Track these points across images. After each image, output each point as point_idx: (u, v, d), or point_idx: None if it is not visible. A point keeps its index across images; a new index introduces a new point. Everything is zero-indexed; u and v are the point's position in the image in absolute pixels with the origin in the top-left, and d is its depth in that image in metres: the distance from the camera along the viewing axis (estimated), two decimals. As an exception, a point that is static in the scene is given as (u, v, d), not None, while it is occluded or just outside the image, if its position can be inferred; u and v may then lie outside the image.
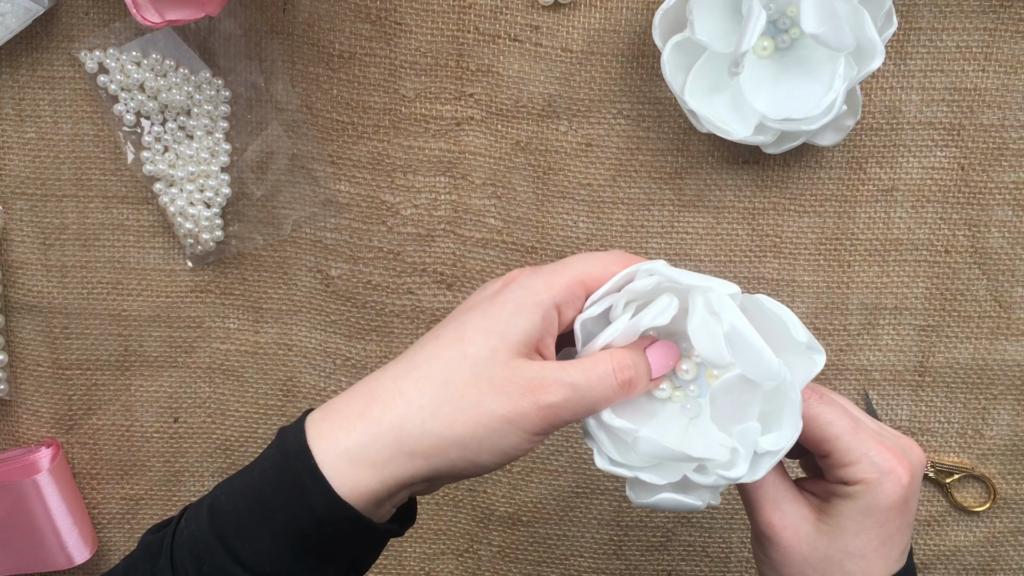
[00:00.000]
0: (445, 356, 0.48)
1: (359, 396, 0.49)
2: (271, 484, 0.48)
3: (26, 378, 0.74)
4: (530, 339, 0.49)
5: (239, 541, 0.48)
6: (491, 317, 0.49)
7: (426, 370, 0.48)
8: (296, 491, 0.47)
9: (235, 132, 0.70)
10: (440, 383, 0.48)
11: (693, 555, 0.75)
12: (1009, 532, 0.73)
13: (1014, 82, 0.66)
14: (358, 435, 0.47)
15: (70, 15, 0.68)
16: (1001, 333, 0.70)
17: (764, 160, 0.69)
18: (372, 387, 0.49)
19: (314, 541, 0.48)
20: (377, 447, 0.47)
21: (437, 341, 0.49)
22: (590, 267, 0.51)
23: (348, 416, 0.48)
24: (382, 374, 0.50)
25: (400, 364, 0.50)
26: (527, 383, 0.47)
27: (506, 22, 0.67)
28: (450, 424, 0.47)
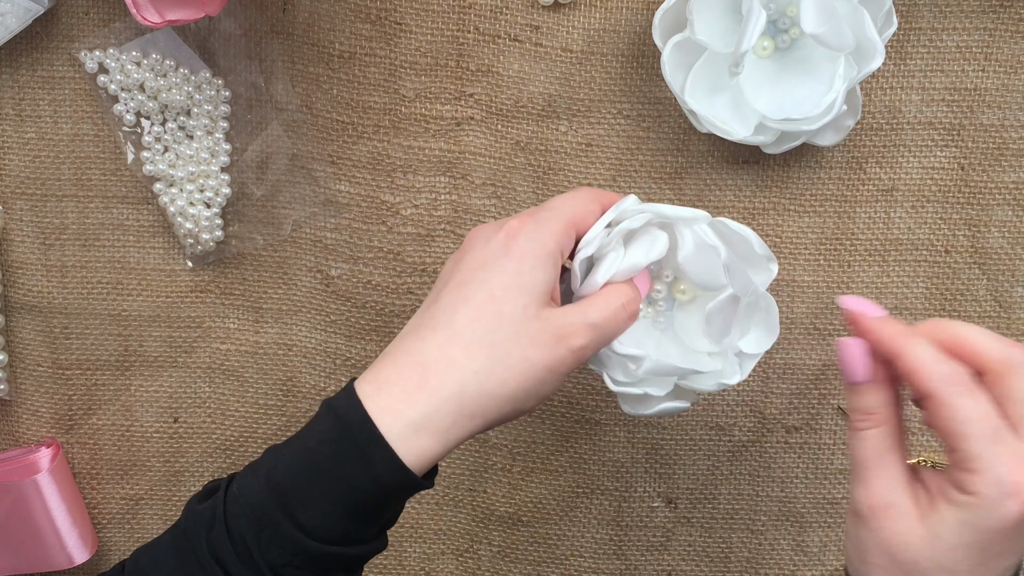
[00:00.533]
0: (485, 318, 0.52)
1: (411, 368, 0.52)
2: (333, 454, 0.51)
3: (26, 378, 0.74)
4: (549, 288, 0.53)
5: (300, 508, 0.50)
6: (513, 273, 0.53)
7: (470, 335, 0.52)
8: (362, 461, 0.50)
9: (235, 132, 0.70)
10: (488, 346, 0.52)
11: (693, 555, 0.75)
12: (1009, 532, 0.73)
13: (1014, 82, 0.66)
14: (422, 407, 0.51)
15: (70, 15, 0.68)
16: (1001, 333, 0.70)
17: (764, 160, 0.69)
18: (421, 359, 0.52)
19: (370, 504, 0.51)
20: (441, 415, 0.51)
21: (469, 304, 0.53)
22: (575, 209, 0.56)
23: (407, 389, 0.51)
24: (424, 343, 0.53)
25: (440, 331, 0.53)
26: (558, 331, 0.52)
27: (506, 22, 0.67)
28: (504, 382, 0.51)
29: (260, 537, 0.51)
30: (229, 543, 0.51)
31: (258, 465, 0.53)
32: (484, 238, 0.55)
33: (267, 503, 0.51)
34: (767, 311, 0.61)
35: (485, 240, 0.55)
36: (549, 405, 0.73)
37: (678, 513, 0.74)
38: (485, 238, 0.55)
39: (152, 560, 0.53)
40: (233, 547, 0.51)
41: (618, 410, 0.73)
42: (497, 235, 0.55)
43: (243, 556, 0.51)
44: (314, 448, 0.52)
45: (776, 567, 0.75)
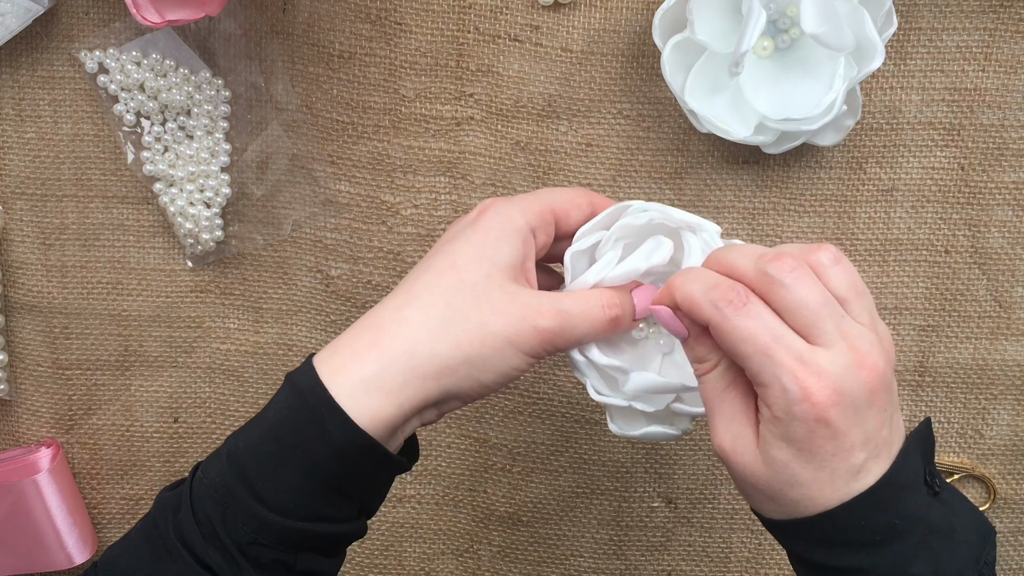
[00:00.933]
0: (443, 283, 0.51)
1: (365, 329, 0.51)
2: (288, 422, 0.50)
3: (26, 378, 0.74)
4: (516, 262, 0.52)
5: (261, 481, 0.49)
6: (477, 244, 0.52)
7: (427, 298, 0.51)
8: (314, 425, 0.49)
9: (235, 132, 0.70)
10: (443, 307, 0.50)
11: (693, 555, 0.75)
12: (1009, 532, 0.73)
13: (1014, 82, 0.66)
14: (371, 364, 0.50)
15: (70, 15, 0.68)
16: (1001, 333, 0.70)
17: (764, 160, 0.69)
18: (376, 320, 0.51)
19: (332, 474, 0.49)
20: (391, 373, 0.49)
21: (430, 271, 0.52)
22: (558, 198, 0.54)
23: (357, 350, 0.50)
24: (382, 307, 0.52)
25: (399, 296, 0.52)
26: (525, 307, 0.50)
27: (506, 22, 0.67)
28: (458, 344, 0.50)
29: (225, 515, 0.49)
30: (194, 524, 0.50)
31: (221, 448, 0.52)
32: (459, 219, 0.55)
33: (229, 479, 0.50)
34: None
35: (459, 220, 0.55)
36: (549, 405, 0.73)
37: (678, 513, 0.74)
38: (460, 219, 0.55)
39: (122, 551, 0.53)
40: (199, 528, 0.50)
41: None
42: (471, 214, 0.54)
43: (209, 536, 0.50)
44: (271, 419, 0.50)
45: (776, 567, 0.75)
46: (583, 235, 0.54)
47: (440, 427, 0.74)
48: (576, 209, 0.55)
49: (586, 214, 0.55)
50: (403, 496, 0.75)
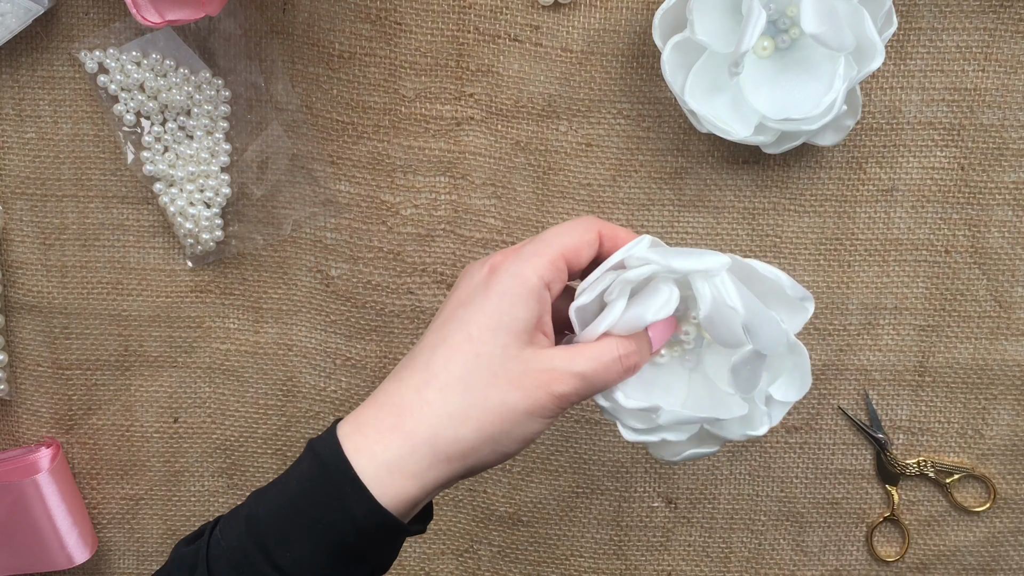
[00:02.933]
0: (460, 360, 0.51)
1: (387, 410, 0.51)
2: (310, 494, 0.50)
3: (26, 378, 0.74)
4: (531, 325, 0.51)
5: (279, 549, 0.50)
6: (491, 313, 0.51)
7: (445, 378, 0.51)
8: (337, 501, 0.49)
9: (235, 132, 0.70)
10: (463, 388, 0.50)
11: (693, 555, 0.75)
12: (1009, 532, 0.73)
13: (1014, 82, 0.66)
14: (395, 449, 0.50)
15: (70, 15, 0.68)
16: (1001, 333, 0.70)
17: (764, 160, 0.69)
18: (397, 400, 0.51)
19: (351, 547, 0.50)
20: (416, 458, 0.50)
21: (446, 344, 0.51)
22: (567, 240, 0.53)
23: (380, 430, 0.50)
24: (402, 385, 0.52)
25: (417, 373, 0.52)
26: (540, 376, 0.51)
27: (506, 22, 0.67)
28: (480, 426, 0.50)
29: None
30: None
31: (241, 508, 0.52)
32: (470, 275, 0.54)
33: (246, 545, 0.50)
34: (798, 360, 0.56)
35: (470, 277, 0.53)
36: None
37: (678, 513, 0.74)
38: (471, 275, 0.54)
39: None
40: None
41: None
42: (481, 270, 0.53)
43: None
44: (293, 488, 0.51)
45: (776, 567, 0.75)
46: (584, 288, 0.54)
47: (440, 427, 0.74)
48: (587, 247, 0.54)
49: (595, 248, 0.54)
50: (403, 496, 0.75)
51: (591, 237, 0.54)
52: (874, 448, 0.73)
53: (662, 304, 0.52)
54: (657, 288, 0.53)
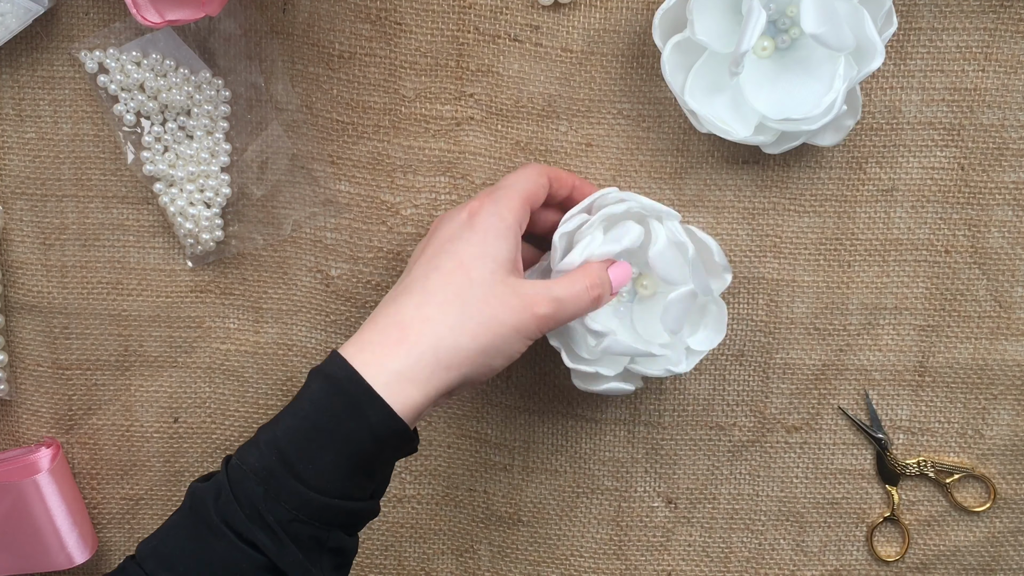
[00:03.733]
0: (455, 282, 0.57)
1: (391, 329, 0.57)
2: (326, 410, 0.55)
3: (26, 378, 0.74)
4: (513, 256, 0.59)
5: (301, 463, 0.54)
6: (478, 244, 0.58)
7: (443, 296, 0.57)
8: (355, 412, 0.55)
9: (235, 132, 0.70)
10: (460, 304, 0.57)
11: (693, 555, 0.75)
12: (1009, 532, 0.73)
13: (1014, 82, 0.66)
14: (403, 358, 0.56)
15: (70, 15, 0.68)
16: (1001, 333, 0.70)
17: (764, 160, 0.69)
18: (398, 319, 0.57)
19: (366, 456, 0.55)
20: (421, 366, 0.56)
21: (440, 271, 0.58)
22: (527, 185, 0.61)
23: (386, 344, 0.56)
24: (400, 306, 0.58)
25: (414, 296, 0.58)
26: (525, 298, 0.58)
27: (506, 22, 0.67)
28: (475, 337, 0.57)
29: (267, 494, 0.54)
30: (237, 505, 0.54)
31: (255, 439, 0.56)
32: (449, 218, 0.61)
33: (271, 464, 0.54)
34: (718, 314, 0.67)
35: (450, 219, 0.60)
36: (549, 405, 0.73)
37: (678, 513, 0.74)
38: (450, 218, 0.60)
39: (162, 539, 0.56)
40: (241, 509, 0.54)
41: (618, 410, 0.73)
42: (460, 214, 0.60)
43: (252, 516, 0.54)
44: (308, 410, 0.55)
45: (776, 567, 0.75)
46: (569, 218, 0.63)
47: (440, 427, 0.74)
48: (541, 190, 0.62)
49: (547, 190, 0.63)
50: (403, 496, 0.75)
51: (544, 181, 0.63)
52: (874, 448, 0.73)
53: (626, 234, 0.62)
54: (627, 225, 0.63)
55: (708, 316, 0.67)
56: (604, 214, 0.63)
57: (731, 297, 0.71)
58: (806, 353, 0.71)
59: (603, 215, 0.63)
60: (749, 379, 0.72)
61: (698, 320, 0.67)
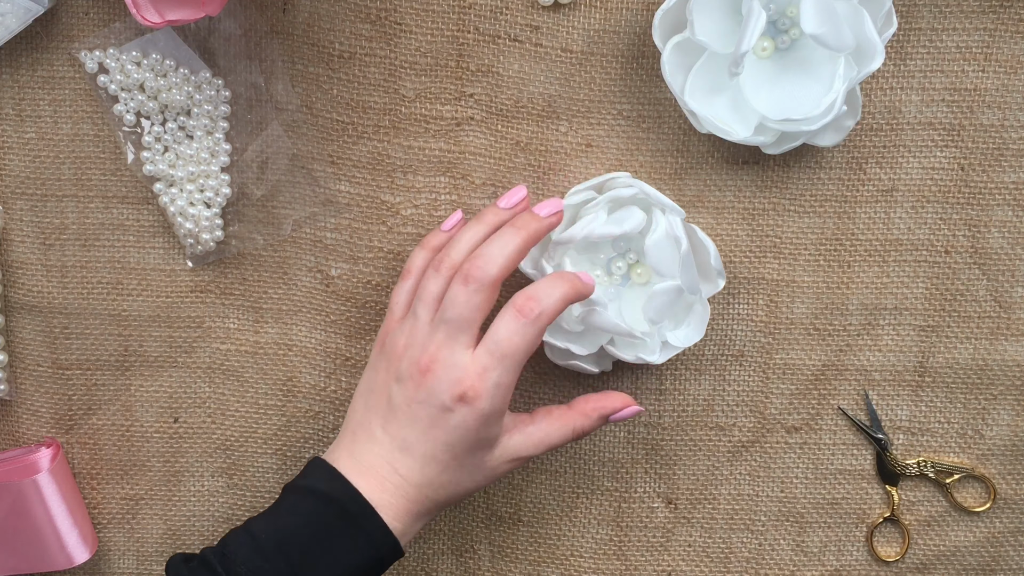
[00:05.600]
0: (434, 446, 0.61)
1: (373, 465, 0.62)
2: (324, 523, 0.60)
3: (26, 378, 0.74)
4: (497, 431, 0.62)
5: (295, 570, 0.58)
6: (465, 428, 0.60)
7: (421, 451, 0.61)
8: (349, 524, 0.60)
9: (235, 132, 0.70)
10: (438, 469, 0.61)
11: (693, 555, 0.75)
12: (1009, 532, 0.73)
13: (1014, 82, 0.66)
14: (400, 503, 0.61)
15: (70, 15, 0.68)
16: (1001, 333, 0.70)
17: (764, 160, 0.69)
18: (376, 460, 0.62)
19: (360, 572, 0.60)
20: (404, 506, 0.61)
21: (419, 426, 0.61)
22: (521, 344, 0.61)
23: (370, 478, 0.61)
24: (373, 447, 0.62)
25: (394, 439, 0.62)
26: (490, 471, 0.62)
27: (506, 22, 0.67)
28: (450, 496, 0.62)
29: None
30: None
31: (252, 536, 0.60)
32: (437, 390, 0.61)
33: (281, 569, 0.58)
34: (701, 315, 0.67)
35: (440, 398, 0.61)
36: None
37: (678, 513, 0.74)
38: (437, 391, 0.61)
39: None
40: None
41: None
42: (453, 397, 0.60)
43: None
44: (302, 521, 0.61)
45: (776, 567, 0.75)
46: (577, 192, 0.65)
47: (440, 427, 0.74)
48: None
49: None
50: (403, 496, 0.75)
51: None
52: (874, 448, 0.73)
53: (628, 219, 0.63)
54: (631, 210, 0.64)
55: (692, 315, 0.68)
56: (611, 196, 0.64)
57: (731, 297, 0.71)
58: (806, 353, 0.71)
59: (609, 197, 0.64)
60: (749, 379, 0.72)
61: (682, 317, 0.68)
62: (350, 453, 0.61)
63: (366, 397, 0.63)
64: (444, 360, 0.59)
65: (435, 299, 0.61)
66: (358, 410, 0.63)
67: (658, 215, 0.64)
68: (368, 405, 0.62)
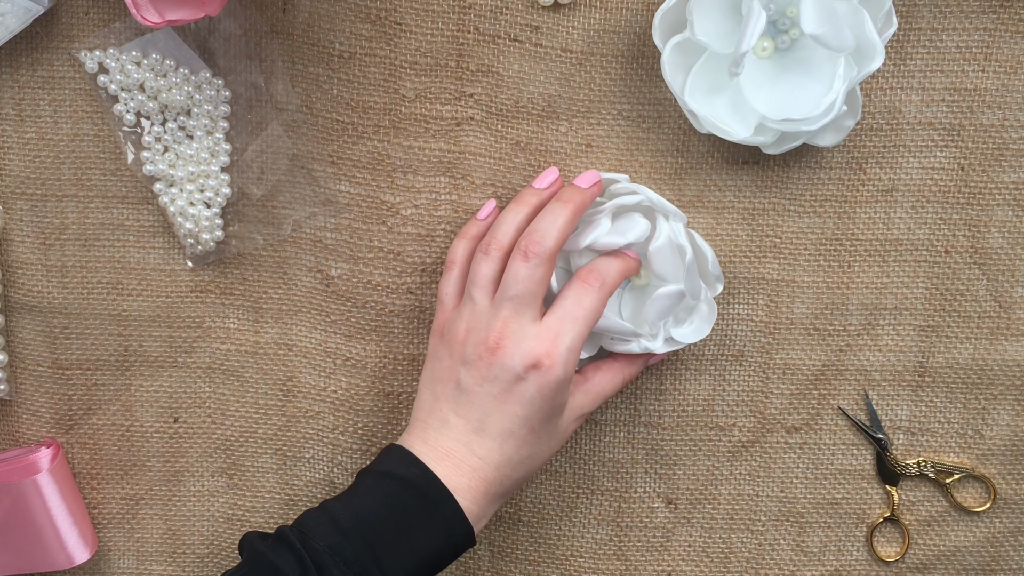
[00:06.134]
0: (512, 421, 0.62)
1: (449, 450, 0.62)
2: (402, 507, 0.60)
3: (26, 378, 0.74)
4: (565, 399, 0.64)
5: (388, 558, 0.58)
6: (538, 400, 0.62)
7: (498, 429, 0.62)
8: (443, 522, 0.61)
9: (235, 132, 0.70)
10: (516, 444, 0.62)
11: (693, 555, 0.75)
12: (1009, 532, 0.73)
13: (1014, 82, 0.66)
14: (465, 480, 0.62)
15: (70, 15, 0.68)
16: (1001, 333, 0.70)
17: (764, 160, 0.69)
18: (454, 444, 0.63)
19: (438, 564, 0.61)
20: (478, 492, 0.62)
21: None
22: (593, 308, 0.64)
23: (447, 463, 0.62)
24: (466, 442, 0.63)
25: (487, 440, 0.62)
26: (563, 433, 0.64)
27: (506, 22, 0.67)
28: (529, 471, 0.64)
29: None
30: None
31: (331, 517, 0.60)
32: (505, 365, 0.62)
33: (361, 554, 0.58)
34: (707, 315, 0.68)
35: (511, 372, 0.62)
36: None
37: (678, 513, 0.74)
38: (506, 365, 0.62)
39: None
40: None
41: (618, 411, 0.73)
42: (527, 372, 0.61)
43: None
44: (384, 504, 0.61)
45: (776, 567, 0.75)
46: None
47: (440, 427, 0.74)
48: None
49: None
50: (403, 496, 0.75)
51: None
52: (874, 448, 0.73)
53: (632, 228, 0.64)
54: (635, 219, 0.64)
55: (696, 314, 0.68)
56: (615, 204, 0.64)
57: (731, 297, 0.71)
58: (806, 353, 0.71)
59: (614, 205, 0.64)
60: (749, 379, 0.72)
61: (684, 317, 0.68)
62: (423, 440, 0.62)
63: (432, 387, 0.63)
64: (513, 334, 0.60)
65: (490, 281, 0.62)
66: (426, 400, 0.63)
67: (661, 221, 0.65)
68: (436, 394, 0.63)
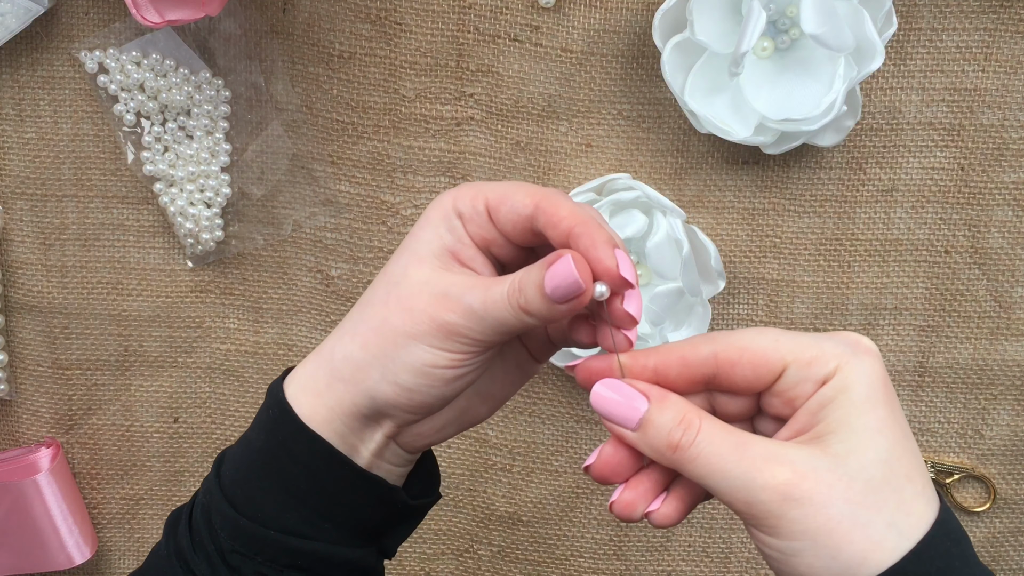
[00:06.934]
0: (373, 284, 0.48)
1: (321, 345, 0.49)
2: (256, 426, 0.49)
3: (26, 378, 0.74)
4: (439, 249, 0.47)
5: (233, 486, 0.47)
6: (407, 237, 0.48)
7: (357, 307, 0.48)
8: (271, 425, 0.47)
9: (235, 132, 0.70)
10: (359, 307, 0.47)
11: (693, 555, 0.75)
12: (1009, 532, 0.73)
13: (1014, 82, 0.66)
14: (309, 367, 0.48)
15: (70, 15, 0.68)
16: (1001, 333, 0.70)
17: (764, 160, 0.69)
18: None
19: (299, 486, 0.47)
20: (318, 376, 0.47)
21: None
22: (496, 187, 0.47)
23: (307, 357, 0.49)
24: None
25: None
26: (430, 299, 0.45)
27: (506, 22, 0.67)
28: (365, 344, 0.46)
29: (211, 520, 0.48)
30: (188, 532, 0.48)
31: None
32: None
33: (212, 485, 0.48)
34: (702, 316, 0.68)
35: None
36: (549, 405, 0.73)
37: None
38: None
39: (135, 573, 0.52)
40: (190, 536, 0.48)
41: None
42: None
43: (197, 544, 0.48)
44: (250, 430, 0.50)
45: (776, 567, 0.75)
46: (577, 194, 0.65)
47: (440, 427, 0.74)
48: (512, 202, 0.46)
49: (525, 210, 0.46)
50: (403, 496, 0.75)
51: (522, 196, 0.46)
52: (874, 448, 0.73)
53: (630, 222, 0.64)
54: (632, 214, 0.65)
55: (693, 316, 0.68)
56: (613, 200, 0.65)
57: (731, 297, 0.71)
58: (806, 353, 0.71)
59: (612, 200, 0.65)
60: (749, 379, 0.72)
61: (683, 318, 0.68)
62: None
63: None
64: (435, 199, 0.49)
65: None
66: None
67: (659, 217, 0.65)
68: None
